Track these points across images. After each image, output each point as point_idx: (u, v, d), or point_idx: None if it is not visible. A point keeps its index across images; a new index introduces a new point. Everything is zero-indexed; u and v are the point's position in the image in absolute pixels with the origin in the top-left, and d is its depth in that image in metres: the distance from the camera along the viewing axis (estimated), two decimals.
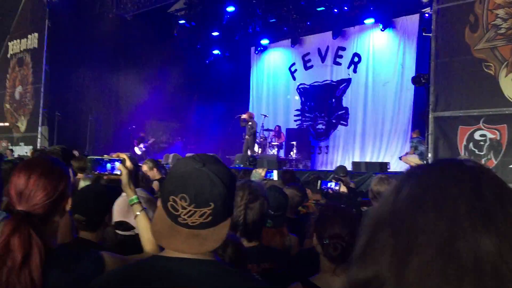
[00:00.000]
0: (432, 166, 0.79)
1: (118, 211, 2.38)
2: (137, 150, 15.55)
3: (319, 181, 4.39)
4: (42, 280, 1.45)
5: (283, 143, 15.15)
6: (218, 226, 1.28)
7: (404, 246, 0.68)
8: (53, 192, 1.59)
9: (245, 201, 2.16)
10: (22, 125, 15.80)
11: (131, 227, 2.37)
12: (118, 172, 1.99)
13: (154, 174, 6.06)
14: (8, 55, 16.85)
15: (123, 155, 2.05)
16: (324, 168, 14.74)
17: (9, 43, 16.83)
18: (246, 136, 14.28)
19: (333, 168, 14.12)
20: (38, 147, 14.18)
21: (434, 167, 0.78)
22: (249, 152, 13.98)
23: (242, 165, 12.48)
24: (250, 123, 14.20)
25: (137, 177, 4.04)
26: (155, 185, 5.50)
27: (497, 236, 0.65)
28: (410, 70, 13.77)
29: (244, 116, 14.36)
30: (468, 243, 0.64)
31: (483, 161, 7.57)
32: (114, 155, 2.07)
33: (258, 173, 3.82)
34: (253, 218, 2.16)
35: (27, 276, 1.42)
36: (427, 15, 11.27)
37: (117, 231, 2.45)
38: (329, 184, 4.44)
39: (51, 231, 1.63)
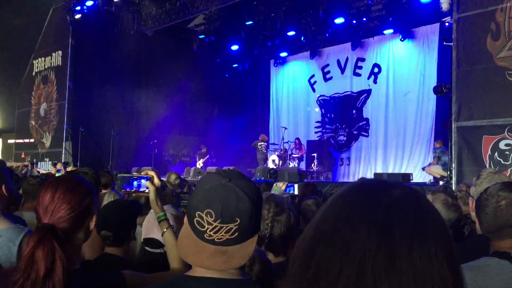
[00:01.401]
0: (344, 197, 0.74)
1: (148, 227, 2.40)
2: (198, 166, 15.75)
3: None
4: None
5: (304, 155, 15.12)
6: (245, 243, 1.26)
7: (308, 274, 0.67)
8: (78, 206, 1.60)
9: (272, 214, 2.13)
10: (47, 141, 16.12)
11: (160, 245, 2.38)
12: (146, 190, 2.01)
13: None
14: (33, 73, 17.28)
15: (152, 173, 2.06)
16: (346, 180, 14.65)
17: (34, 61, 17.26)
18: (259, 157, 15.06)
19: (355, 179, 14.03)
20: (62, 161, 14.43)
21: (346, 199, 0.74)
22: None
23: (263, 178, 12.49)
24: (264, 144, 15.02)
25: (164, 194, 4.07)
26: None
27: (396, 280, 0.63)
28: (432, 80, 13.63)
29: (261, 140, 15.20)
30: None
31: (508, 171, 7.42)
32: (142, 173, 2.09)
33: (279, 187, 3.75)
34: (280, 231, 2.13)
35: None
36: (447, 24, 11.17)
37: (147, 248, 2.47)
38: None
39: (74, 248, 1.63)
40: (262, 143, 15.04)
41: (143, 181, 2.04)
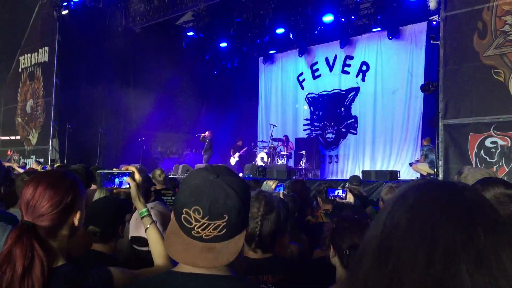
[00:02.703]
0: (424, 194, 0.76)
1: (135, 225, 2.38)
2: (232, 161, 15.75)
3: (327, 190, 4.33)
4: None
5: (292, 152, 15.15)
6: (233, 239, 1.24)
7: (388, 269, 0.68)
8: (59, 202, 1.56)
9: (262, 213, 2.12)
10: (34, 138, 15.94)
11: (147, 243, 2.38)
12: (127, 186, 1.97)
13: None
14: (20, 69, 17.06)
15: (132, 168, 2.02)
16: (334, 177, 14.70)
17: (20, 57, 17.05)
18: (203, 153, 15.32)
19: (343, 177, 14.11)
20: (49, 159, 14.30)
21: (427, 195, 0.75)
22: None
23: (251, 175, 12.49)
24: (208, 140, 15.20)
25: (148, 190, 4.02)
26: None
27: (489, 278, 0.64)
28: (419, 78, 13.74)
29: (204, 134, 15.34)
30: (458, 283, 0.64)
31: (494, 168, 7.50)
32: (123, 168, 2.05)
33: (269, 185, 3.73)
34: (269, 229, 2.13)
35: (30, 287, 1.40)
36: (434, 22, 11.24)
37: (134, 246, 2.45)
38: (336, 192, 4.37)
39: (59, 245, 1.59)
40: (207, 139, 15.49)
41: (124, 177, 1.98)
